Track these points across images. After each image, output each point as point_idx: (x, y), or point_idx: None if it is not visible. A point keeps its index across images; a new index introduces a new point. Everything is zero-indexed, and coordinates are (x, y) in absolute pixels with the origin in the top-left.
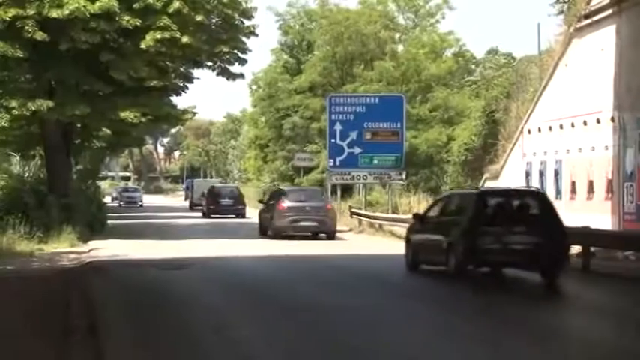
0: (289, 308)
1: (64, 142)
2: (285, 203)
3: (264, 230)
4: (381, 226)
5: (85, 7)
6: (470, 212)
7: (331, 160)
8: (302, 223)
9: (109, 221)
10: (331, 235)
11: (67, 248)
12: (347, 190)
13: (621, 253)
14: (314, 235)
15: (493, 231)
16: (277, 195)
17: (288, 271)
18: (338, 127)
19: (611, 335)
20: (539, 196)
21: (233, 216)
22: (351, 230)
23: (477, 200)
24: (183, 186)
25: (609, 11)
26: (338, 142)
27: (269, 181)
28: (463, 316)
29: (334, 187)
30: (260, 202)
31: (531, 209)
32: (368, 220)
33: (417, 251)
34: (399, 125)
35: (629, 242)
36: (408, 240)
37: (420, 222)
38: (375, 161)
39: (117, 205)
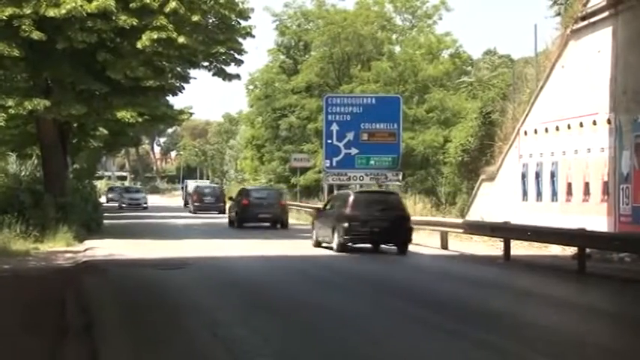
0: (283, 307)
1: (60, 141)
2: (249, 199)
3: (232, 221)
4: None
5: (81, 6)
6: (347, 206)
7: (328, 161)
8: (260, 215)
9: (105, 221)
10: (284, 225)
11: (62, 247)
12: None
13: (617, 255)
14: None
15: (362, 218)
16: (243, 193)
17: (283, 271)
18: (334, 127)
19: (602, 336)
20: (394, 195)
21: (216, 212)
22: None
23: (352, 197)
24: (181, 185)
25: (606, 13)
26: (334, 142)
27: (265, 181)
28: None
29: (331, 187)
30: (230, 198)
31: (388, 204)
32: None
33: (318, 234)
34: (395, 126)
35: (625, 244)
36: (313, 226)
37: (319, 213)
38: (372, 162)
39: (117, 207)
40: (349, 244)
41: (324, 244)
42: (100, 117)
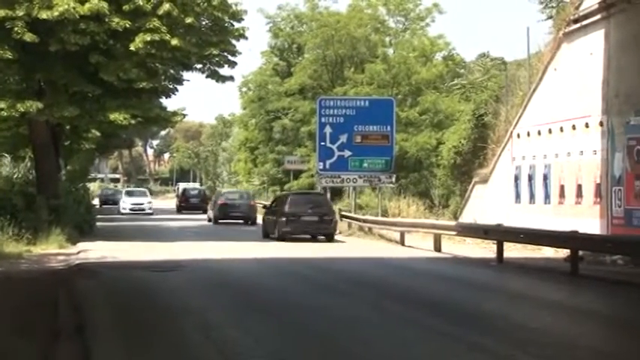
0: (275, 308)
1: (53, 143)
2: (223, 200)
3: (210, 219)
4: (370, 229)
5: (74, 8)
6: (285, 203)
7: (321, 163)
8: (232, 214)
9: (97, 223)
10: (252, 222)
11: (55, 250)
12: (337, 193)
13: (609, 258)
14: (314, 238)
15: (297, 214)
16: (219, 195)
17: (274, 273)
18: (328, 130)
19: (594, 338)
20: (322, 195)
21: (200, 212)
22: (340, 233)
23: (290, 198)
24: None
25: (598, 16)
26: (328, 144)
27: (259, 183)
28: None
29: (324, 189)
30: (209, 199)
31: (317, 203)
32: (357, 223)
33: (265, 227)
34: (389, 128)
35: (617, 246)
36: (263, 220)
37: (267, 210)
38: (365, 164)
39: (118, 213)
40: (287, 235)
41: (271, 235)
42: (93, 119)
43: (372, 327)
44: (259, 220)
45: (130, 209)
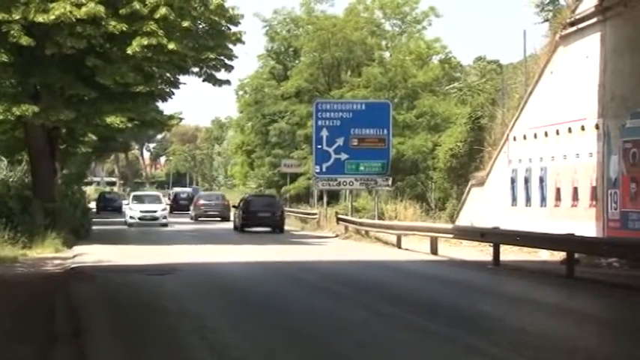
0: (271, 311)
1: (49, 146)
2: (201, 201)
3: (191, 217)
4: (367, 232)
5: (71, 12)
6: (245, 203)
7: (317, 166)
8: (209, 212)
9: (93, 227)
10: (226, 219)
11: (51, 254)
12: (333, 196)
13: (605, 260)
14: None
15: (253, 211)
16: (198, 197)
17: (271, 276)
18: (324, 133)
19: (591, 341)
20: (274, 198)
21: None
22: (337, 236)
23: (248, 198)
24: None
25: (594, 19)
26: (324, 147)
27: (255, 186)
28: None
29: (321, 192)
30: (190, 199)
31: (269, 203)
32: (354, 226)
33: (235, 221)
34: (385, 132)
35: (613, 249)
36: (234, 216)
37: (237, 208)
38: (362, 167)
39: (125, 225)
40: (245, 227)
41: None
42: (89, 122)
43: (368, 330)
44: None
45: (140, 218)
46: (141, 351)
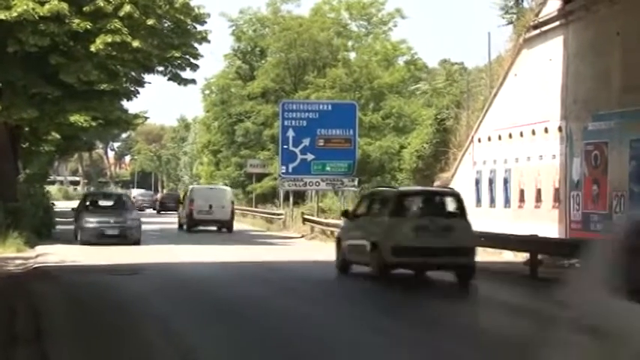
0: (236, 313)
1: (11, 145)
2: (159, 199)
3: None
4: (333, 232)
5: (34, 9)
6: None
7: (283, 167)
8: (168, 205)
9: (57, 226)
10: (159, 212)
11: (13, 254)
12: (300, 197)
13: (567, 261)
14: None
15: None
16: (190, 192)
17: (237, 276)
18: (290, 133)
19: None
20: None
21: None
22: (303, 237)
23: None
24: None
25: (557, 23)
26: (290, 148)
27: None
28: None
29: (287, 193)
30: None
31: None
32: (320, 226)
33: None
34: (351, 132)
35: (575, 250)
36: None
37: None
38: (328, 168)
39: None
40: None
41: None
42: (53, 121)
43: (334, 330)
44: None
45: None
46: (104, 353)
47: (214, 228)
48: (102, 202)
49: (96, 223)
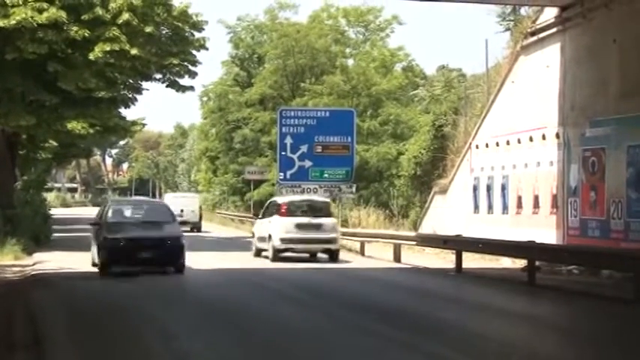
0: (234, 320)
1: (8, 152)
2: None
3: None
4: None
5: (32, 17)
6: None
7: (282, 173)
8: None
9: (55, 233)
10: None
11: (10, 261)
12: None
13: (565, 268)
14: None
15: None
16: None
17: (235, 282)
18: (288, 140)
19: (552, 348)
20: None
21: None
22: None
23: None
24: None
25: (554, 29)
26: (289, 154)
27: (219, 193)
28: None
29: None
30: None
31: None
32: None
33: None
34: (349, 139)
35: (573, 256)
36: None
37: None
38: (326, 174)
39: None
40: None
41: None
42: (50, 128)
43: (331, 338)
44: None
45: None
46: (101, 358)
47: (188, 228)
48: (130, 213)
49: (124, 241)
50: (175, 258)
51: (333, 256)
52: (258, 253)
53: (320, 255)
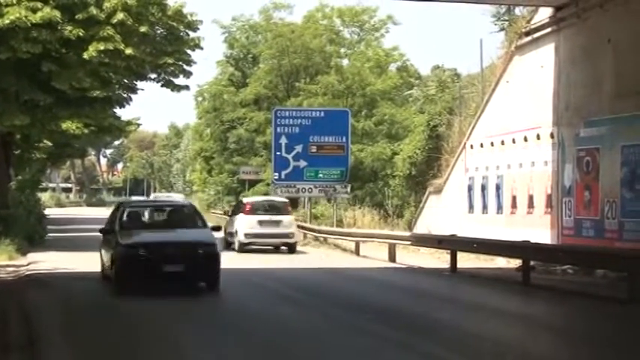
0: (231, 320)
1: (3, 152)
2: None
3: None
4: (325, 239)
5: (26, 16)
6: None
7: (276, 174)
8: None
9: (49, 234)
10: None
11: (4, 261)
12: (292, 203)
13: (560, 267)
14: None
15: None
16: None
17: (234, 283)
18: (283, 140)
19: (546, 347)
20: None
21: None
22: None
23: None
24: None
25: (549, 29)
26: (283, 155)
27: (214, 193)
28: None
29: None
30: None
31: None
32: (313, 233)
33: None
34: (344, 139)
35: (568, 256)
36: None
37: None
38: (321, 174)
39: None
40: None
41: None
42: (45, 128)
43: (328, 338)
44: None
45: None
46: (96, 359)
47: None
48: (150, 218)
49: (145, 251)
50: (210, 272)
51: (292, 248)
52: (228, 245)
53: (282, 248)
